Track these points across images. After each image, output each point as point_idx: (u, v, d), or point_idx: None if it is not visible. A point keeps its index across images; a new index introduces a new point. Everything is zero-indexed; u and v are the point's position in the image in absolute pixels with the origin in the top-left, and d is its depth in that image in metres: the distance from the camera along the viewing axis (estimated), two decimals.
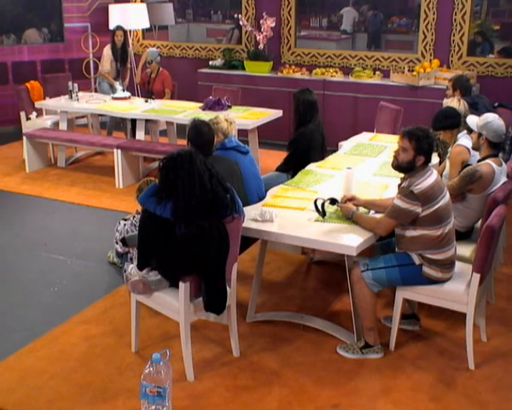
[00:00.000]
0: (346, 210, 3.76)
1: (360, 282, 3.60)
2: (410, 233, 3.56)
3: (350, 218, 3.73)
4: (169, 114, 6.95)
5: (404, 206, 3.49)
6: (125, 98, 7.60)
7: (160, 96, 7.66)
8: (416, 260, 3.58)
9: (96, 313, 4.17)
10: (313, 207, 3.82)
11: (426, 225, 3.50)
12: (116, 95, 7.66)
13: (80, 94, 7.66)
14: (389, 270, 3.59)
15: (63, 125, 7.50)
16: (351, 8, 8.97)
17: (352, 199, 3.86)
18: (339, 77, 8.14)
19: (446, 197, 3.56)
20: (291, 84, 7.98)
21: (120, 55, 8.08)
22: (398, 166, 3.62)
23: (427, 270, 3.56)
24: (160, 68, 7.75)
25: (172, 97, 7.78)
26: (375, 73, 8.01)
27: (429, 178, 3.50)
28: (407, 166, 3.56)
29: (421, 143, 3.51)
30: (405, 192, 3.49)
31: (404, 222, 3.55)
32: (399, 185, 3.62)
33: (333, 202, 3.85)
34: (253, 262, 4.43)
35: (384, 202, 3.85)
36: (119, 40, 8.01)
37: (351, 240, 3.53)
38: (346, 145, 5.53)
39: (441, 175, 4.29)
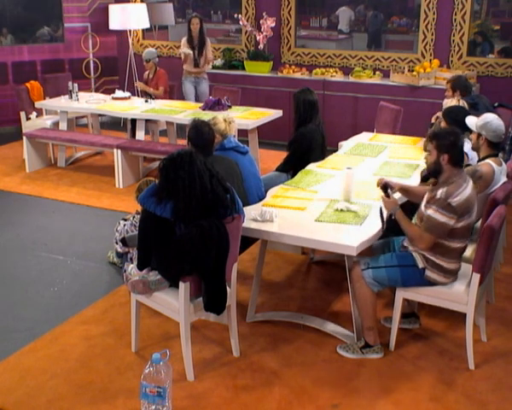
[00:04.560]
0: (390, 204, 3.63)
1: (360, 281, 3.60)
2: None
3: (391, 213, 3.63)
4: (169, 114, 6.95)
5: (442, 219, 3.38)
6: (125, 98, 7.61)
7: (159, 95, 7.66)
8: (420, 263, 3.56)
9: (96, 313, 4.17)
10: (314, 208, 3.80)
11: (450, 236, 3.46)
12: (116, 95, 7.68)
13: (80, 94, 7.66)
14: (390, 269, 3.59)
15: (63, 125, 7.50)
16: (346, 8, 8.96)
17: (386, 185, 3.75)
18: (339, 77, 8.14)
19: (474, 213, 3.51)
20: (291, 84, 7.98)
21: (197, 44, 7.84)
22: (427, 169, 3.55)
23: (429, 274, 3.54)
24: (158, 68, 7.75)
25: (171, 97, 7.78)
26: (375, 73, 8.01)
27: (466, 190, 3.42)
28: (434, 168, 3.48)
29: (442, 140, 3.44)
30: (443, 204, 3.37)
31: (439, 236, 3.44)
32: (433, 196, 3.46)
33: (385, 188, 3.73)
34: (253, 262, 4.44)
35: (418, 191, 3.82)
36: (195, 28, 7.77)
37: (351, 240, 3.53)
38: (346, 145, 5.53)
39: None
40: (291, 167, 5.10)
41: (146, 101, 7.37)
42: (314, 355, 3.71)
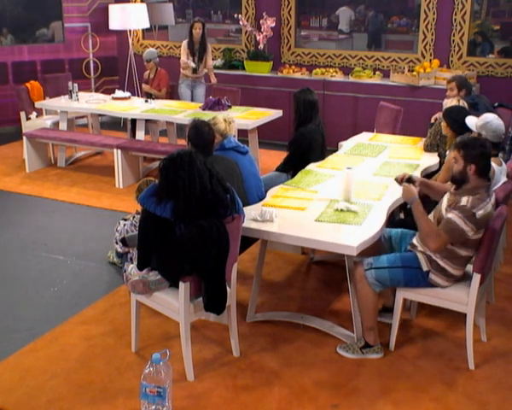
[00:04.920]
0: (409, 193, 3.58)
1: (363, 281, 3.59)
2: None
3: (408, 202, 3.60)
4: (169, 114, 6.95)
5: (463, 227, 3.35)
6: (125, 98, 7.61)
7: (161, 96, 7.65)
8: (424, 266, 3.55)
9: (96, 313, 4.17)
10: (315, 208, 3.80)
11: (462, 244, 3.45)
12: (116, 95, 7.68)
13: (80, 94, 7.66)
14: (392, 270, 3.58)
15: (63, 125, 7.51)
16: (346, 8, 8.96)
17: (410, 178, 3.74)
18: (339, 77, 8.14)
19: None
20: (291, 84, 7.98)
21: (198, 49, 7.57)
22: (452, 178, 3.52)
23: (433, 277, 3.54)
24: (158, 68, 7.75)
25: (171, 97, 7.78)
26: (375, 73, 8.01)
27: (489, 205, 3.41)
28: (460, 178, 3.44)
29: (470, 150, 3.40)
30: (467, 213, 3.34)
31: (454, 242, 3.43)
32: (456, 202, 3.42)
33: (408, 181, 3.72)
34: (253, 262, 4.44)
35: (438, 187, 3.81)
36: (197, 33, 7.47)
37: (351, 240, 3.52)
38: (346, 145, 5.53)
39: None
40: (291, 167, 5.10)
41: (146, 101, 7.37)
42: (314, 355, 3.71)
